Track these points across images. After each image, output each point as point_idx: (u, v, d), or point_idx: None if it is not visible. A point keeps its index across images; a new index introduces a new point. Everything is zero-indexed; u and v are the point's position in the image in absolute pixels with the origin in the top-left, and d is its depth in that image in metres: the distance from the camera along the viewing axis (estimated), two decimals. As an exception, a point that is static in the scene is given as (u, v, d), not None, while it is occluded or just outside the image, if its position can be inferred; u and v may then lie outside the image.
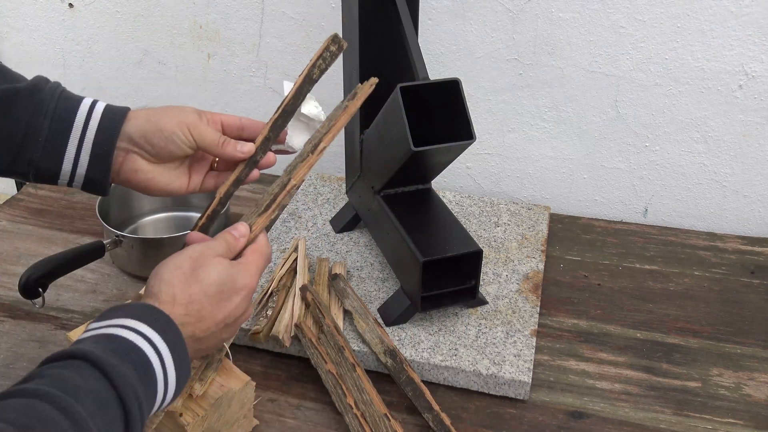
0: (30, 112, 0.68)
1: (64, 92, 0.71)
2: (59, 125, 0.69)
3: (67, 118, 0.69)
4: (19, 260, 1.12)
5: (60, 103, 0.70)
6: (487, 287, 1.01)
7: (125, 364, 0.54)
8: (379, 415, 0.81)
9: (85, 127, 0.69)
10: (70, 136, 0.69)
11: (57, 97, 0.70)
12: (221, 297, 0.64)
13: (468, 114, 0.84)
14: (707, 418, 0.86)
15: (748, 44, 1.08)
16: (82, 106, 0.70)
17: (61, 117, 0.69)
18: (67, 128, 0.69)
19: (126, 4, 1.33)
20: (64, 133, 0.69)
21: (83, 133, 0.69)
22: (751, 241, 1.17)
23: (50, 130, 0.69)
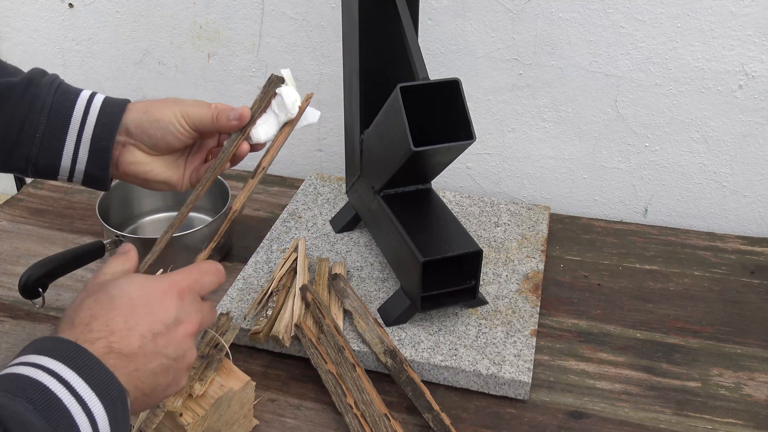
0: (25, 108, 0.67)
1: (62, 85, 0.69)
2: (56, 120, 0.68)
3: (64, 113, 0.68)
4: (19, 260, 1.12)
5: (57, 96, 0.68)
6: (487, 287, 1.01)
7: (17, 400, 0.47)
8: (379, 415, 0.81)
9: (83, 122, 0.68)
10: (68, 131, 0.68)
11: (54, 91, 0.68)
12: (136, 303, 0.55)
13: (468, 114, 0.84)
14: (707, 418, 0.86)
15: (748, 44, 1.08)
16: (79, 99, 0.69)
17: (58, 112, 0.68)
18: (64, 123, 0.68)
19: (126, 4, 1.33)
20: (62, 129, 0.68)
21: (81, 128, 0.68)
22: (751, 241, 1.17)
23: (47, 126, 0.67)
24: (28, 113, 0.67)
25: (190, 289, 0.59)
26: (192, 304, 0.58)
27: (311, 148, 1.38)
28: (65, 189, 1.30)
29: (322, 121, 1.34)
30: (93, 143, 0.69)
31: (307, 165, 1.40)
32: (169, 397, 0.64)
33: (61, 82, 0.70)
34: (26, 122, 0.67)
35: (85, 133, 0.68)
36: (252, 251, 1.10)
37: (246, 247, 1.14)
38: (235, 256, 1.13)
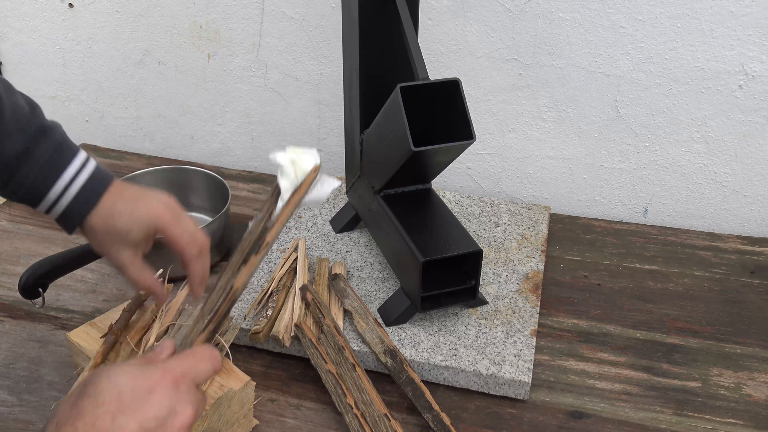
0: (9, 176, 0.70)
1: (48, 161, 0.71)
2: (47, 172, 0.71)
3: (41, 191, 0.71)
4: (19, 260, 1.12)
5: (40, 174, 0.70)
6: (487, 287, 1.01)
7: None
8: (379, 415, 0.81)
9: (71, 181, 0.71)
10: (45, 198, 0.71)
11: (39, 168, 0.70)
12: (124, 397, 0.50)
13: (468, 114, 0.85)
14: (707, 418, 0.86)
15: (748, 44, 1.08)
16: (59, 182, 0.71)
17: (34, 190, 0.71)
18: (40, 196, 0.71)
19: (126, 4, 1.33)
20: (51, 179, 0.71)
21: (54, 204, 0.71)
22: (751, 241, 1.17)
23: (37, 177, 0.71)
24: (11, 177, 0.70)
25: (184, 377, 0.54)
26: (188, 394, 0.53)
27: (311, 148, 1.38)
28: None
29: (322, 121, 1.34)
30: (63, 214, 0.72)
31: (307, 165, 1.40)
32: None
33: (49, 158, 0.71)
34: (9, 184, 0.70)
35: (56, 208, 0.72)
36: (252, 251, 1.10)
37: (246, 247, 1.14)
38: (235, 256, 1.13)
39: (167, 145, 1.45)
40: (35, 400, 0.87)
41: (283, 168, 0.70)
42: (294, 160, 0.71)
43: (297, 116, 1.35)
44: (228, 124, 1.40)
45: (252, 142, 1.41)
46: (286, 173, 0.70)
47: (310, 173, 0.71)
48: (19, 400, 0.88)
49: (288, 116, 1.36)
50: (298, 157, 0.71)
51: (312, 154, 0.72)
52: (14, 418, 0.85)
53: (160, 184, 1.18)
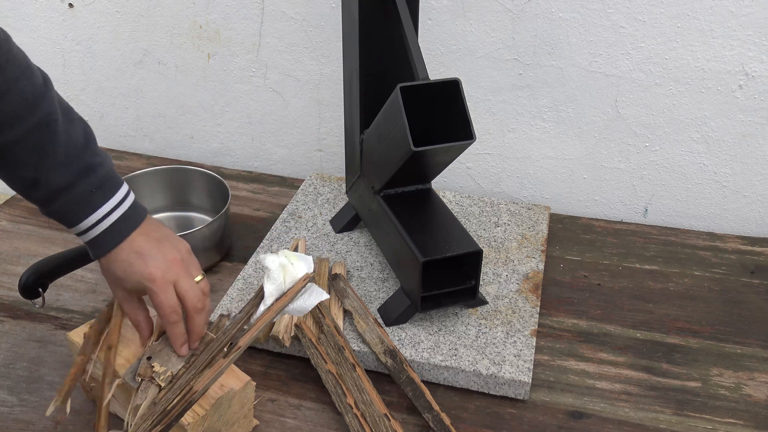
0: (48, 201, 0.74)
1: (89, 195, 0.73)
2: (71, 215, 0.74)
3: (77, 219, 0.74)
4: (19, 260, 1.12)
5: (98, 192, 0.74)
6: (487, 287, 1.01)
7: None
8: (379, 415, 0.81)
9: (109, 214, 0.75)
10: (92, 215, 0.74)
11: (79, 199, 0.73)
12: None
13: (468, 114, 0.84)
14: (707, 418, 0.86)
15: (748, 44, 1.08)
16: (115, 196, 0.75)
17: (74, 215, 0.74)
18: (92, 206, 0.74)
19: (126, 4, 1.33)
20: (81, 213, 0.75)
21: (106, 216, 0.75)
22: (751, 241, 1.17)
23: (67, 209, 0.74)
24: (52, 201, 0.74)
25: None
26: None
27: (311, 148, 1.38)
28: (65, 189, 1.30)
29: (322, 121, 1.34)
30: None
31: (307, 165, 1.40)
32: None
33: (89, 194, 0.74)
34: (50, 206, 0.74)
35: (84, 237, 0.76)
36: (252, 251, 1.10)
37: (246, 247, 1.14)
38: (235, 256, 1.13)
39: (167, 145, 1.45)
40: (35, 400, 0.87)
41: (271, 272, 0.69)
42: (284, 265, 0.69)
43: (297, 116, 1.35)
44: (228, 124, 1.40)
45: (252, 142, 1.41)
46: (272, 278, 0.68)
47: (299, 282, 0.69)
48: (19, 400, 0.88)
49: (288, 116, 1.36)
50: (291, 261, 0.70)
51: (306, 262, 0.70)
52: (14, 418, 0.85)
53: (160, 184, 1.18)
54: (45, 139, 0.70)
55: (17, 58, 0.69)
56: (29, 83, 0.68)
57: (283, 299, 0.68)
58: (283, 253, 0.70)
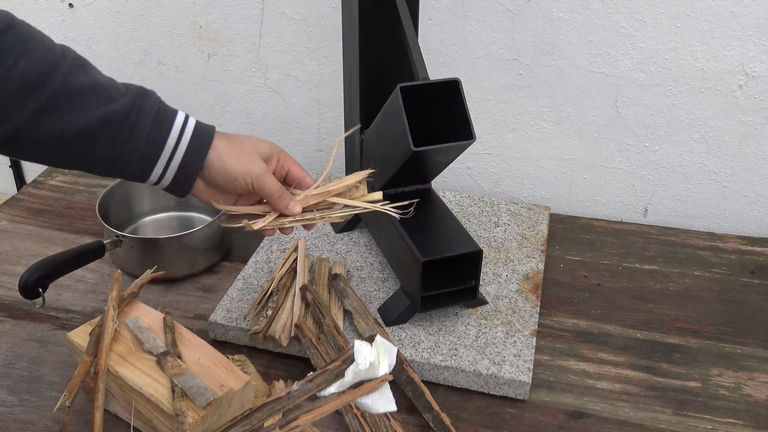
0: (126, 135, 0.70)
1: (159, 110, 0.73)
2: (151, 147, 0.72)
3: (159, 141, 0.72)
4: (19, 260, 1.12)
5: (154, 125, 0.72)
6: (487, 287, 1.01)
7: None
8: (379, 415, 0.81)
9: (174, 152, 0.73)
10: (160, 157, 0.72)
11: (152, 119, 0.72)
12: None
13: (468, 114, 0.84)
14: (707, 418, 0.86)
15: (748, 44, 1.08)
16: (173, 128, 0.73)
17: (153, 140, 0.72)
18: (158, 150, 0.72)
19: (126, 4, 1.33)
20: (155, 154, 0.72)
21: (171, 157, 0.73)
22: (751, 241, 1.17)
23: (143, 152, 0.72)
24: (128, 139, 0.70)
25: None
26: None
27: (311, 148, 1.38)
28: (65, 189, 1.30)
29: (322, 121, 1.34)
30: (178, 172, 0.74)
31: (307, 165, 1.40)
32: None
33: (159, 107, 0.73)
34: (126, 147, 0.71)
35: (173, 162, 0.73)
36: (252, 251, 1.10)
37: (246, 247, 1.14)
38: (235, 256, 1.13)
39: (167, 145, 1.45)
40: (35, 400, 0.87)
41: (359, 365, 0.68)
42: (372, 359, 0.69)
43: (297, 116, 1.35)
44: (228, 124, 1.40)
45: (252, 142, 1.41)
46: (358, 369, 0.68)
47: (377, 380, 0.68)
48: (19, 400, 0.88)
49: (288, 116, 1.36)
50: (379, 356, 0.69)
51: (390, 355, 0.69)
52: (14, 418, 0.85)
53: (160, 184, 1.18)
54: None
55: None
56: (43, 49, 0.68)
57: (357, 392, 0.67)
58: (376, 345, 0.69)
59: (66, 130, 0.67)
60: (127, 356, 0.82)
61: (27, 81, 0.65)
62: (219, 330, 0.96)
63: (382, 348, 0.68)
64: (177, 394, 0.76)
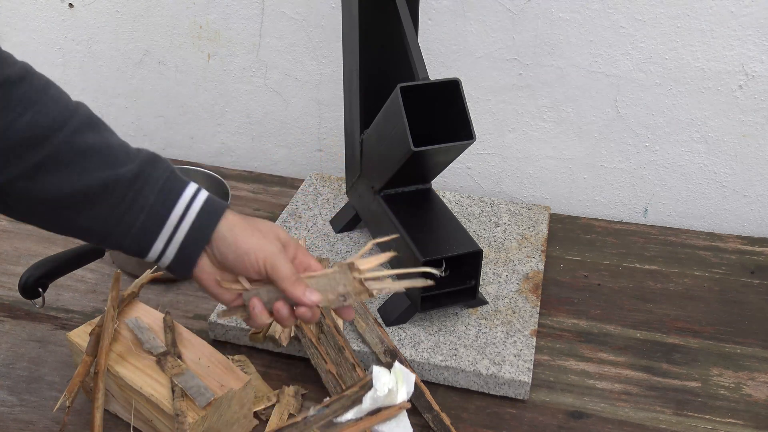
0: (127, 204, 0.65)
1: (168, 180, 0.67)
2: (154, 220, 0.66)
3: (162, 214, 0.66)
4: (19, 260, 1.12)
5: (160, 196, 0.66)
6: (487, 287, 1.01)
7: None
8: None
9: (177, 227, 0.67)
10: (161, 232, 0.66)
11: (159, 188, 0.66)
12: None
13: (468, 114, 0.84)
14: (707, 418, 0.86)
15: (748, 44, 1.08)
16: (180, 201, 0.67)
17: (156, 212, 0.66)
18: (160, 223, 0.66)
19: (126, 4, 1.33)
20: (156, 228, 0.66)
21: (173, 233, 0.67)
22: (751, 241, 1.17)
23: (143, 224, 0.66)
24: (128, 208, 0.65)
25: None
26: None
27: (311, 148, 1.38)
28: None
29: (322, 121, 1.34)
30: (180, 249, 0.67)
31: (307, 165, 1.40)
32: None
33: (168, 176, 0.67)
34: (125, 216, 0.65)
35: (176, 237, 0.67)
36: (252, 251, 1.10)
37: (246, 247, 1.14)
38: (235, 256, 1.13)
39: (167, 145, 1.45)
40: (35, 400, 0.87)
41: (377, 391, 0.66)
42: (390, 386, 0.67)
43: (297, 116, 1.35)
44: (228, 124, 1.40)
45: (252, 142, 1.41)
46: (376, 395, 0.67)
47: (395, 408, 0.67)
48: (19, 400, 0.88)
49: (288, 116, 1.36)
50: (398, 384, 0.68)
51: (409, 383, 0.68)
52: (14, 418, 0.85)
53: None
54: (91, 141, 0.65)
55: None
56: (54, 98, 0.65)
57: (374, 418, 0.66)
58: (395, 371, 0.68)
59: (63, 189, 0.63)
60: (127, 356, 0.82)
61: (31, 133, 0.61)
62: (219, 330, 0.96)
63: (401, 375, 0.68)
64: (177, 394, 0.76)
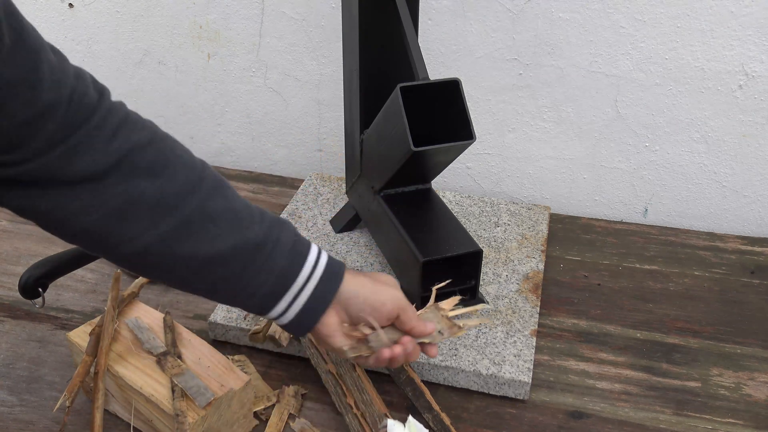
0: (258, 266, 0.66)
1: (296, 243, 0.69)
2: (282, 282, 0.68)
3: (289, 277, 0.68)
4: (19, 260, 1.12)
5: (290, 258, 0.68)
6: (487, 287, 1.01)
7: None
8: (379, 415, 0.81)
9: (302, 289, 0.69)
10: (287, 293, 0.68)
11: (288, 251, 0.68)
12: None
13: (468, 114, 0.84)
14: (707, 418, 0.86)
15: (748, 44, 1.08)
16: (306, 264, 0.69)
17: (286, 275, 0.68)
18: (287, 285, 0.68)
19: (126, 4, 1.33)
20: (282, 290, 0.68)
21: (298, 294, 0.69)
22: (751, 241, 1.17)
23: (272, 286, 0.68)
24: (259, 270, 0.67)
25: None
26: None
27: (311, 148, 1.38)
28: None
29: (322, 121, 1.34)
30: (303, 309, 0.69)
31: (307, 165, 1.40)
32: None
33: (296, 239, 0.69)
34: (256, 278, 0.67)
35: (299, 298, 0.69)
36: (252, 251, 1.10)
37: (246, 247, 1.14)
38: (235, 256, 1.13)
39: (167, 145, 1.45)
40: (35, 400, 0.87)
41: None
42: None
43: (297, 116, 1.35)
44: (228, 124, 1.40)
45: (252, 142, 1.41)
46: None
47: None
48: (19, 400, 0.88)
49: (288, 116, 1.36)
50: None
51: None
52: (14, 418, 0.85)
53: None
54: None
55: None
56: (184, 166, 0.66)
57: None
58: (408, 425, 0.70)
59: (196, 255, 0.64)
60: (127, 356, 0.82)
61: (163, 201, 0.62)
62: (219, 330, 0.96)
63: (414, 428, 0.69)
64: (177, 394, 0.76)
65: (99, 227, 0.62)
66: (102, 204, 0.61)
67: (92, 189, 0.60)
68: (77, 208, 0.61)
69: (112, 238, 0.62)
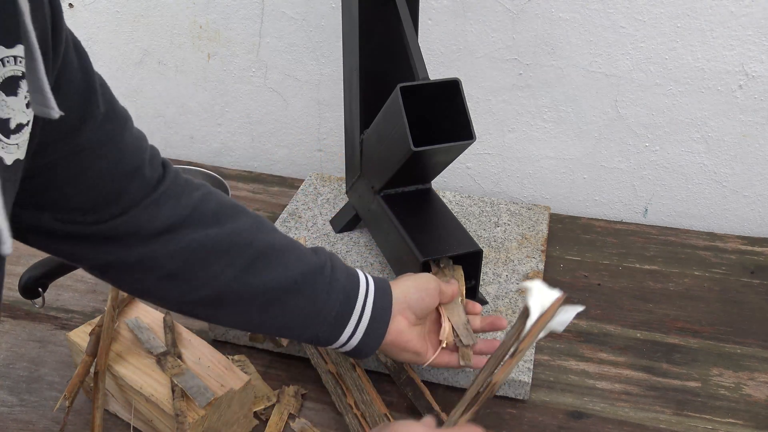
0: (326, 288, 0.71)
1: (343, 264, 0.75)
2: (347, 302, 0.72)
3: (353, 294, 0.73)
4: (19, 260, 1.12)
5: (347, 276, 0.73)
6: (487, 287, 1.01)
7: None
8: (379, 415, 0.81)
9: (365, 301, 0.73)
10: (354, 311, 0.73)
11: (345, 270, 0.74)
12: None
13: (468, 114, 0.84)
14: (707, 418, 0.86)
15: (748, 44, 1.08)
16: (360, 279, 0.75)
17: (349, 293, 0.73)
18: (352, 303, 0.73)
19: (126, 4, 1.33)
20: (350, 309, 0.73)
21: (363, 307, 0.73)
22: (751, 241, 1.17)
23: (341, 307, 0.72)
24: (328, 292, 0.72)
25: None
26: None
27: (311, 148, 1.38)
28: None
29: (322, 121, 1.34)
30: (371, 321, 0.73)
31: (307, 165, 1.40)
32: None
33: (343, 262, 0.75)
34: (328, 301, 0.72)
35: (365, 312, 0.73)
36: (252, 251, 1.10)
37: (246, 247, 1.14)
38: (235, 256, 1.13)
39: (167, 145, 1.45)
40: (35, 400, 0.87)
41: (532, 292, 0.70)
42: (538, 294, 0.71)
43: (297, 116, 1.35)
44: (228, 124, 1.40)
45: (252, 142, 1.41)
46: (534, 298, 0.70)
47: (555, 301, 0.70)
48: (19, 400, 0.88)
49: (288, 116, 1.36)
50: (542, 292, 0.72)
51: (553, 293, 0.72)
52: (14, 418, 0.85)
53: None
54: None
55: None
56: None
57: (546, 315, 0.69)
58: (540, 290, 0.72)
59: (269, 285, 0.69)
60: (127, 356, 0.82)
61: (238, 239, 0.68)
62: (219, 330, 0.96)
63: (546, 292, 0.70)
64: (177, 394, 0.76)
65: (180, 273, 0.67)
66: (180, 251, 0.66)
67: (169, 240, 0.65)
68: (162, 257, 0.66)
69: (194, 281, 0.67)
